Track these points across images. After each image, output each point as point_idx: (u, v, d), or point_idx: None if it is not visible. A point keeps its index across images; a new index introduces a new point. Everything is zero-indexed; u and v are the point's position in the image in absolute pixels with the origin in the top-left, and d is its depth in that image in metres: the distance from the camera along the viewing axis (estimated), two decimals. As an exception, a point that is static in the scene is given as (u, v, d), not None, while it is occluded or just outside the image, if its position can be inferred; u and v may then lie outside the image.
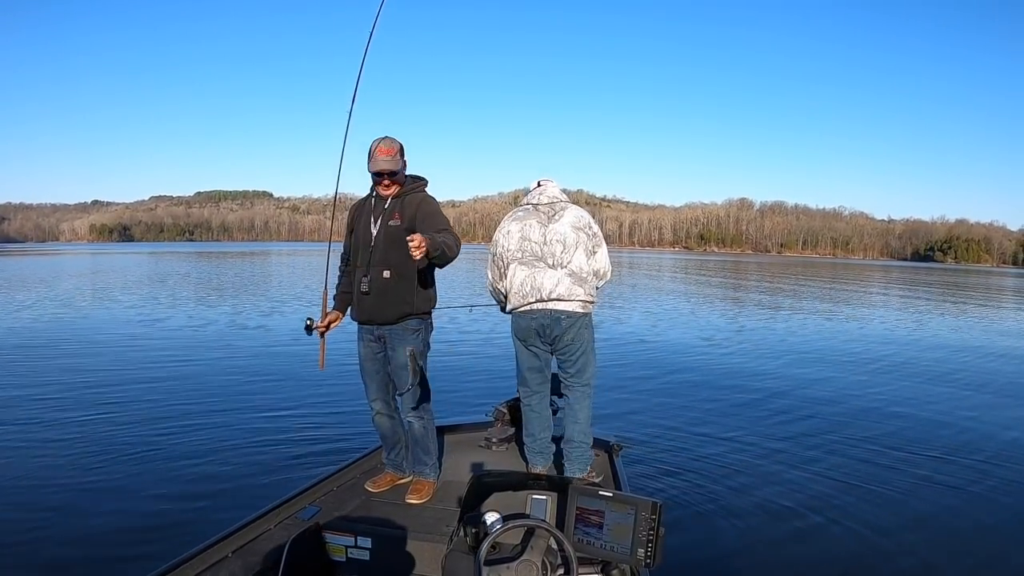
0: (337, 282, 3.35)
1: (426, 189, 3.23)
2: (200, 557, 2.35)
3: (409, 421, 3.20)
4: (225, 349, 10.02)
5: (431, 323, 3.26)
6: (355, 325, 3.24)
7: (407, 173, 3.20)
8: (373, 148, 3.05)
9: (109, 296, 18.43)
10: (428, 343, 3.24)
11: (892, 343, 11.69)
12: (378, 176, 3.08)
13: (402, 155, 3.11)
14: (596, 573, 2.23)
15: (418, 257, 2.68)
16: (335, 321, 3.26)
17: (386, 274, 3.04)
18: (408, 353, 3.05)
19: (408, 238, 2.66)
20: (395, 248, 2.98)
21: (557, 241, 3.15)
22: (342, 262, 3.35)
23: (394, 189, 3.11)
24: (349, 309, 3.26)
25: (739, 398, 6.98)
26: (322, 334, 3.23)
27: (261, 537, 2.61)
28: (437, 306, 3.26)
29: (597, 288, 3.30)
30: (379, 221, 3.10)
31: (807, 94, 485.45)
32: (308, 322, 3.18)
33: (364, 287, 3.02)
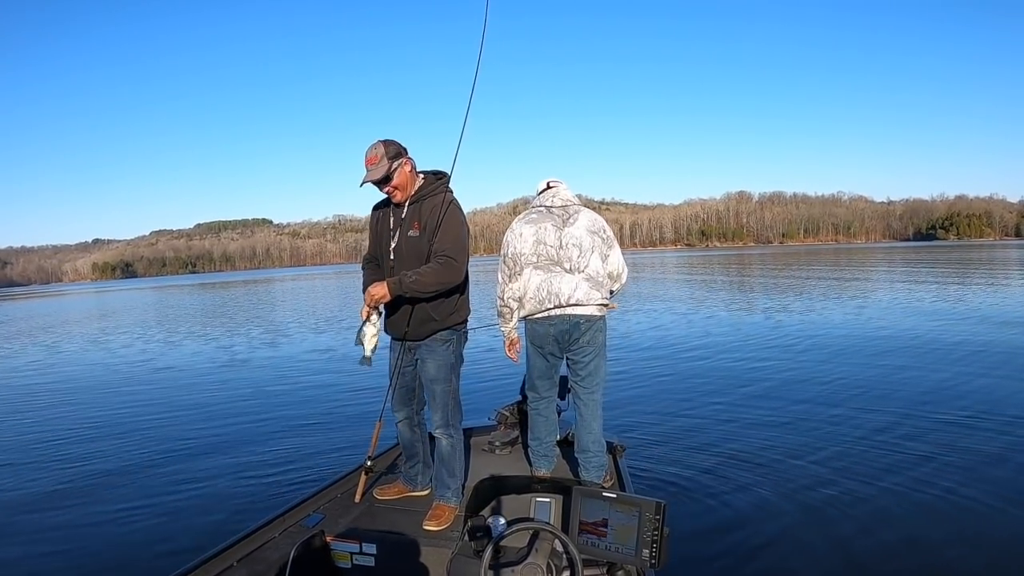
0: (365, 274, 3.08)
1: (449, 187, 2.93)
2: (205, 567, 2.32)
3: (437, 437, 3.00)
4: (233, 371, 10.08)
5: (465, 334, 3.07)
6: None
7: (426, 170, 2.95)
8: (365, 158, 2.81)
9: (122, 334, 18.59)
10: (461, 356, 3.05)
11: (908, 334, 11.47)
12: (378, 184, 2.84)
13: (396, 156, 2.78)
14: (601, 574, 2.20)
15: (375, 318, 2.72)
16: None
17: None
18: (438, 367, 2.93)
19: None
20: (417, 261, 2.82)
21: (573, 245, 3.06)
22: (366, 260, 3.14)
23: (404, 194, 2.87)
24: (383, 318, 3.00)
25: (746, 395, 6.79)
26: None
27: (266, 545, 2.57)
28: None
29: (612, 292, 3.23)
30: (397, 233, 2.90)
31: (799, 82, 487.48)
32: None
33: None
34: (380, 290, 2.68)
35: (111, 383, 9.89)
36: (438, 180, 2.92)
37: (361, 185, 2.83)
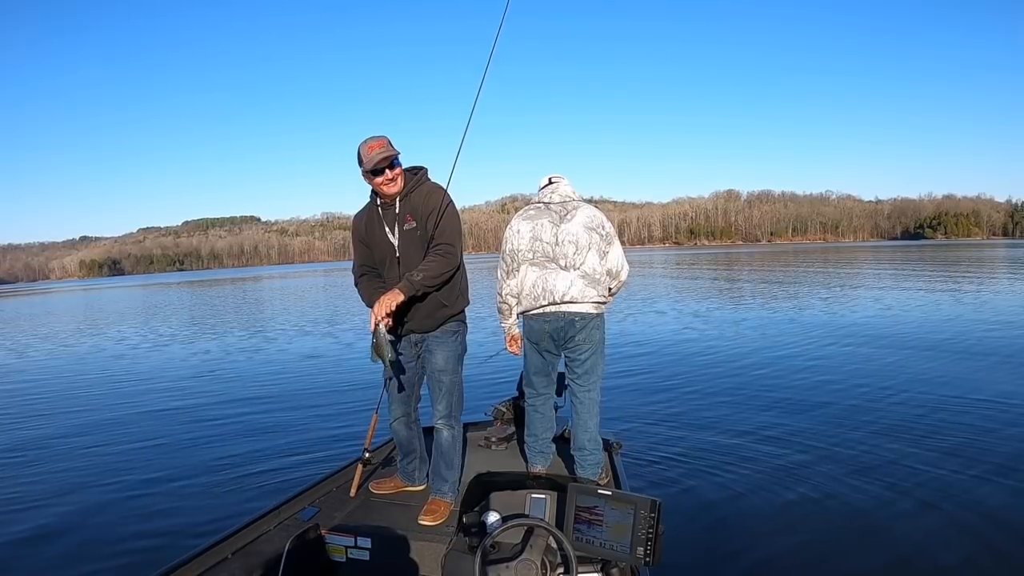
0: (364, 287, 3.04)
1: (429, 177, 2.99)
2: (200, 559, 2.32)
3: (438, 429, 3.01)
4: (225, 366, 10.10)
5: (466, 324, 3.12)
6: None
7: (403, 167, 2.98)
8: (363, 150, 2.79)
9: (116, 330, 18.51)
10: (465, 345, 3.11)
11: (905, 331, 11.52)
12: (379, 172, 2.80)
13: (393, 146, 2.84)
14: (596, 572, 2.20)
15: (384, 328, 2.68)
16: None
17: None
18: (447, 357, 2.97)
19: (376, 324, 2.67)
20: (420, 252, 2.88)
21: (570, 242, 3.06)
22: (359, 274, 3.09)
23: (399, 184, 2.87)
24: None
25: (743, 393, 6.81)
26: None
27: (261, 538, 2.58)
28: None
29: (611, 289, 3.21)
30: (395, 228, 2.92)
31: (787, 82, 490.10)
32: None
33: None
34: (395, 296, 2.69)
35: (108, 378, 9.94)
36: (416, 174, 2.99)
37: (370, 168, 2.78)
